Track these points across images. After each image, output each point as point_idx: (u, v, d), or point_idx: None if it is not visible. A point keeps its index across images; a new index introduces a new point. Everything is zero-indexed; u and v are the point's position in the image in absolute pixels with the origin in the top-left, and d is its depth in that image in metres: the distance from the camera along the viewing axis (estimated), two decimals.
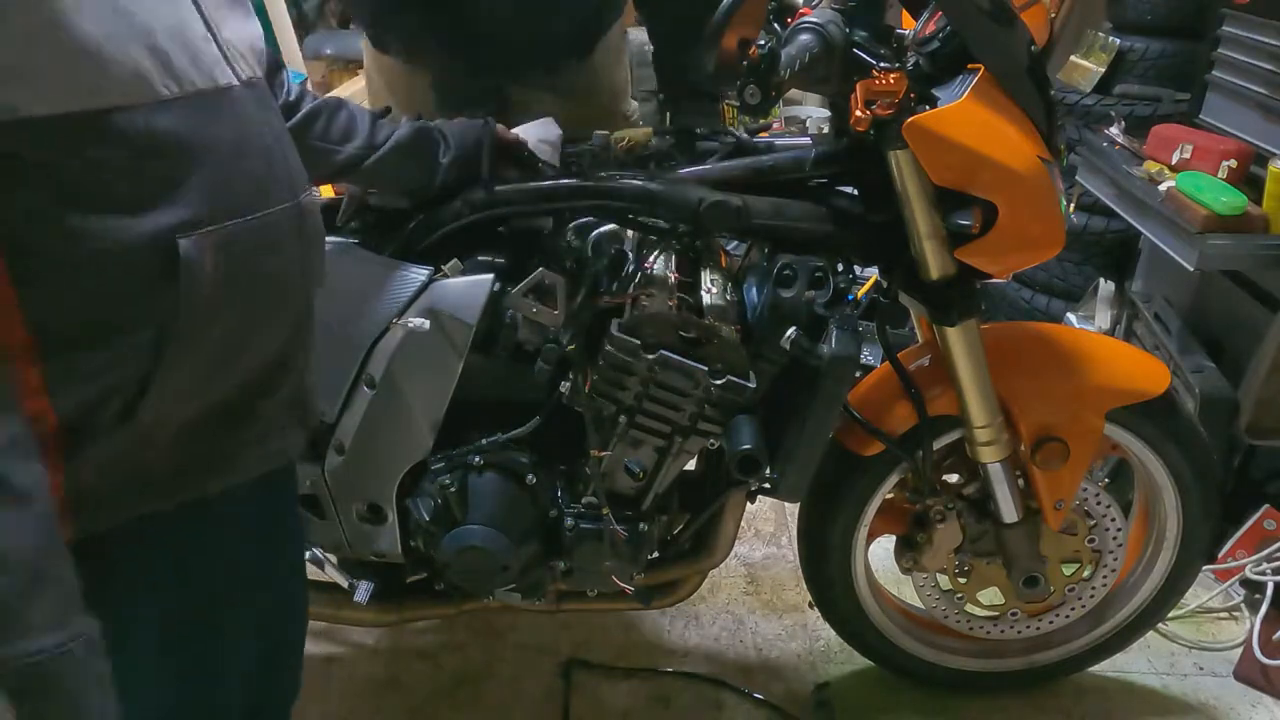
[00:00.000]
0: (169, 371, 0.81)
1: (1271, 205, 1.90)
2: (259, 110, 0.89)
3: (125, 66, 0.75)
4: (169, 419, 0.84)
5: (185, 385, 0.83)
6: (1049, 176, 1.25)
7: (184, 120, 0.79)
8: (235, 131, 0.85)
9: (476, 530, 1.39)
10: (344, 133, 1.26)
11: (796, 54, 1.19)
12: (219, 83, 0.84)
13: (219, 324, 0.83)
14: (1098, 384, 1.50)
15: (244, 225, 0.84)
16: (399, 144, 1.29)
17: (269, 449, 0.96)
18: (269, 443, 0.95)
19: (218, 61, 0.84)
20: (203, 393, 0.86)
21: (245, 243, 0.85)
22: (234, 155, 0.84)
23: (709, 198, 1.29)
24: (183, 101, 0.79)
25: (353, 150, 1.26)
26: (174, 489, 0.87)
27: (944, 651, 1.75)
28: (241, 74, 0.87)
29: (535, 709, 1.77)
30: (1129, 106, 2.42)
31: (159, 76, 0.77)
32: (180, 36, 0.80)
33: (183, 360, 0.82)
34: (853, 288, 1.38)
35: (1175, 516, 1.62)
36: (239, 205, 0.84)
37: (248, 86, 0.88)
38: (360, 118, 1.29)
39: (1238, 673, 1.84)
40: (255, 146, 0.87)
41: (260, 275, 0.87)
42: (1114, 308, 2.40)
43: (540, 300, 1.32)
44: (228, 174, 0.83)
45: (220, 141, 0.83)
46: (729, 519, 1.54)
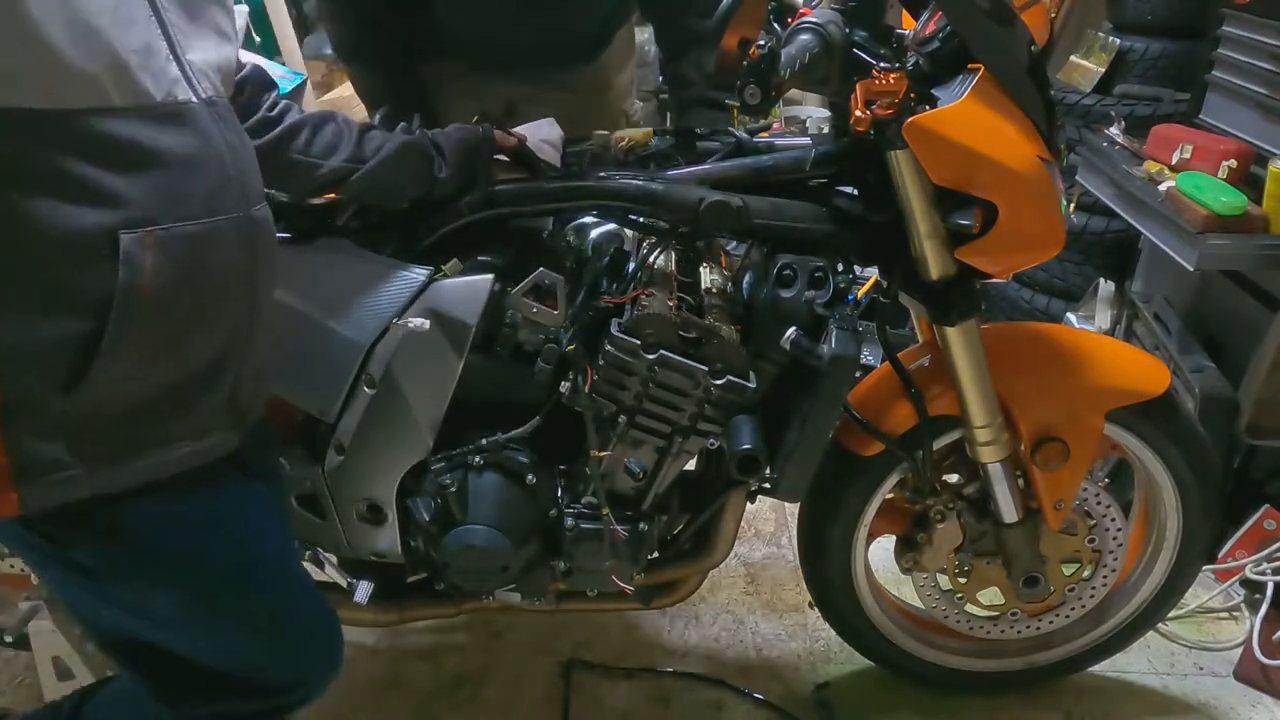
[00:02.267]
0: (107, 360, 0.88)
1: (1271, 205, 1.90)
2: (216, 126, 0.97)
3: (85, 75, 0.84)
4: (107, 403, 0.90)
5: (125, 372, 0.90)
6: (1049, 176, 1.25)
7: (137, 128, 0.88)
8: (189, 143, 0.93)
9: (476, 530, 1.39)
10: (327, 147, 1.26)
11: (796, 54, 1.19)
12: (177, 99, 0.92)
13: (158, 318, 0.91)
14: (1098, 384, 1.50)
15: (189, 228, 0.92)
16: (387, 158, 1.28)
17: (200, 445, 1.01)
18: (204, 437, 1.01)
19: (177, 80, 0.93)
20: (145, 380, 0.92)
21: (189, 244, 0.92)
22: (186, 165, 0.92)
23: (709, 198, 1.29)
24: (137, 111, 0.88)
25: (336, 164, 1.26)
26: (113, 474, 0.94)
27: (944, 651, 1.75)
28: (202, 93, 0.96)
29: (535, 709, 1.77)
30: (1129, 106, 2.42)
31: (115, 87, 0.86)
32: (143, 55, 0.89)
33: (125, 347, 0.89)
34: (853, 288, 1.38)
35: (1175, 516, 1.62)
36: (186, 210, 0.92)
37: (208, 105, 0.96)
38: (346, 131, 1.28)
39: (1238, 673, 1.84)
40: (209, 159, 0.95)
41: (203, 275, 0.94)
42: (1114, 308, 2.40)
43: (540, 300, 1.32)
44: (178, 181, 0.91)
45: (174, 152, 0.91)
46: (729, 519, 1.54)
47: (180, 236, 0.91)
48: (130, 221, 0.87)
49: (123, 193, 0.87)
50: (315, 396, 1.38)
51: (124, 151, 0.87)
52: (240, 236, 0.98)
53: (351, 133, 1.28)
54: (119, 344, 0.88)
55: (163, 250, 0.89)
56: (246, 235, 0.99)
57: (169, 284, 0.90)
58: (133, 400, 0.92)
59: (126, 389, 0.91)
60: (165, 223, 0.90)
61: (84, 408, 0.89)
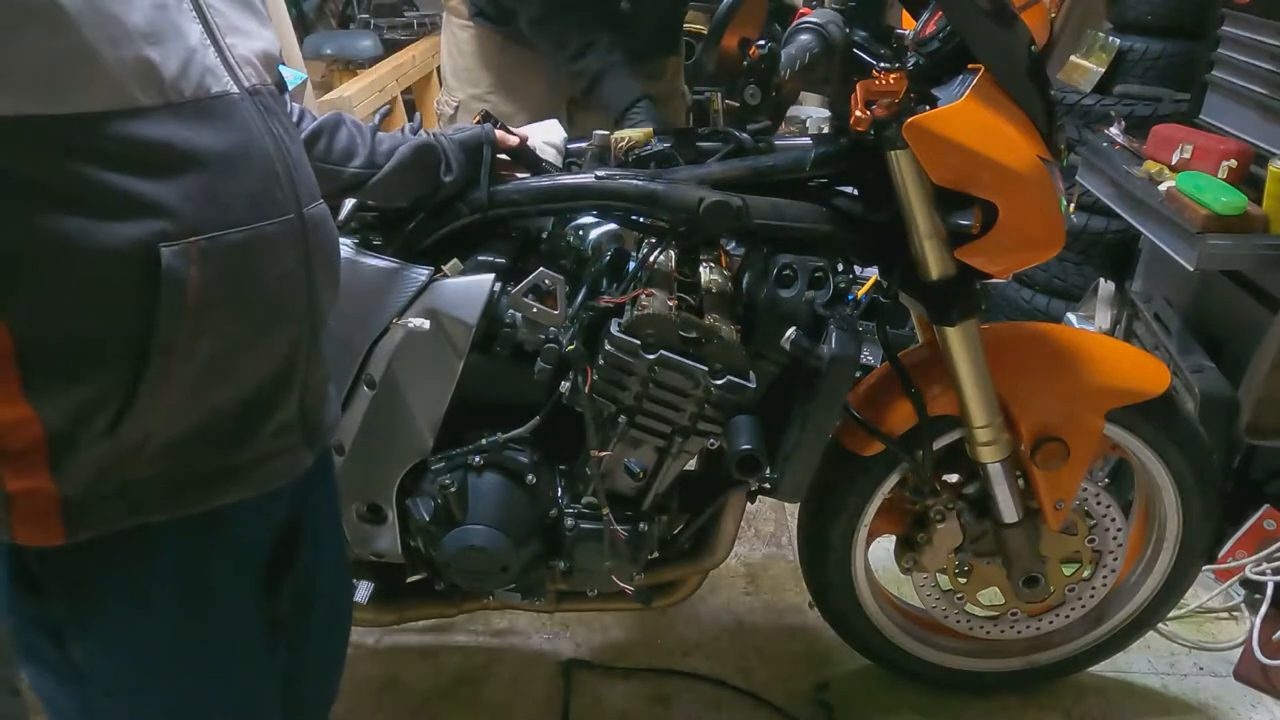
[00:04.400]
0: (155, 384, 0.80)
1: (1271, 205, 1.90)
2: (260, 118, 0.86)
3: (106, 74, 0.74)
4: (158, 432, 0.82)
5: (174, 399, 0.82)
6: (1049, 176, 1.25)
7: (170, 129, 0.78)
8: (229, 140, 0.83)
9: (476, 530, 1.39)
10: (345, 152, 1.25)
11: (796, 54, 1.19)
12: (211, 91, 0.82)
13: (209, 336, 0.82)
14: (1098, 384, 1.50)
15: (235, 236, 0.82)
16: (401, 162, 1.28)
17: (270, 468, 0.93)
18: (271, 461, 0.92)
19: (212, 69, 0.82)
20: (194, 407, 0.84)
21: (236, 254, 0.82)
22: (227, 165, 0.82)
23: (709, 198, 1.29)
24: (168, 110, 0.78)
25: (355, 169, 1.25)
26: (166, 504, 0.86)
27: (944, 651, 1.75)
28: (245, 81, 0.85)
29: (535, 709, 1.77)
30: (1129, 106, 2.42)
31: (140, 85, 0.76)
32: (169, 44, 0.79)
33: (169, 373, 0.80)
34: (853, 288, 1.38)
35: (1175, 516, 1.62)
36: (230, 216, 0.82)
37: (251, 94, 0.86)
38: (360, 136, 1.28)
39: (1238, 673, 1.84)
40: (253, 156, 0.85)
41: (254, 288, 0.85)
42: (1114, 308, 2.39)
43: (540, 300, 1.32)
44: (219, 184, 0.81)
45: (211, 151, 0.81)
46: (729, 519, 1.54)
47: (226, 246, 0.81)
48: (169, 233, 0.77)
49: (158, 200, 0.77)
50: None
51: (156, 155, 0.77)
52: (293, 241, 0.88)
53: (365, 136, 1.28)
54: (166, 370, 0.80)
55: (207, 262, 0.79)
56: (300, 239, 0.89)
57: (218, 300, 0.81)
58: (185, 428, 0.84)
59: (178, 417, 0.83)
60: (208, 231, 0.80)
61: (133, 438, 0.81)
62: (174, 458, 0.85)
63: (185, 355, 0.81)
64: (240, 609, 0.97)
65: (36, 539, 0.82)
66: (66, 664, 0.90)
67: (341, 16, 4.78)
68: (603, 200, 1.35)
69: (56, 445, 0.79)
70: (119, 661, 0.91)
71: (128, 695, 0.92)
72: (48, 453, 0.79)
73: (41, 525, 0.81)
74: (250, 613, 0.98)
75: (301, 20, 4.43)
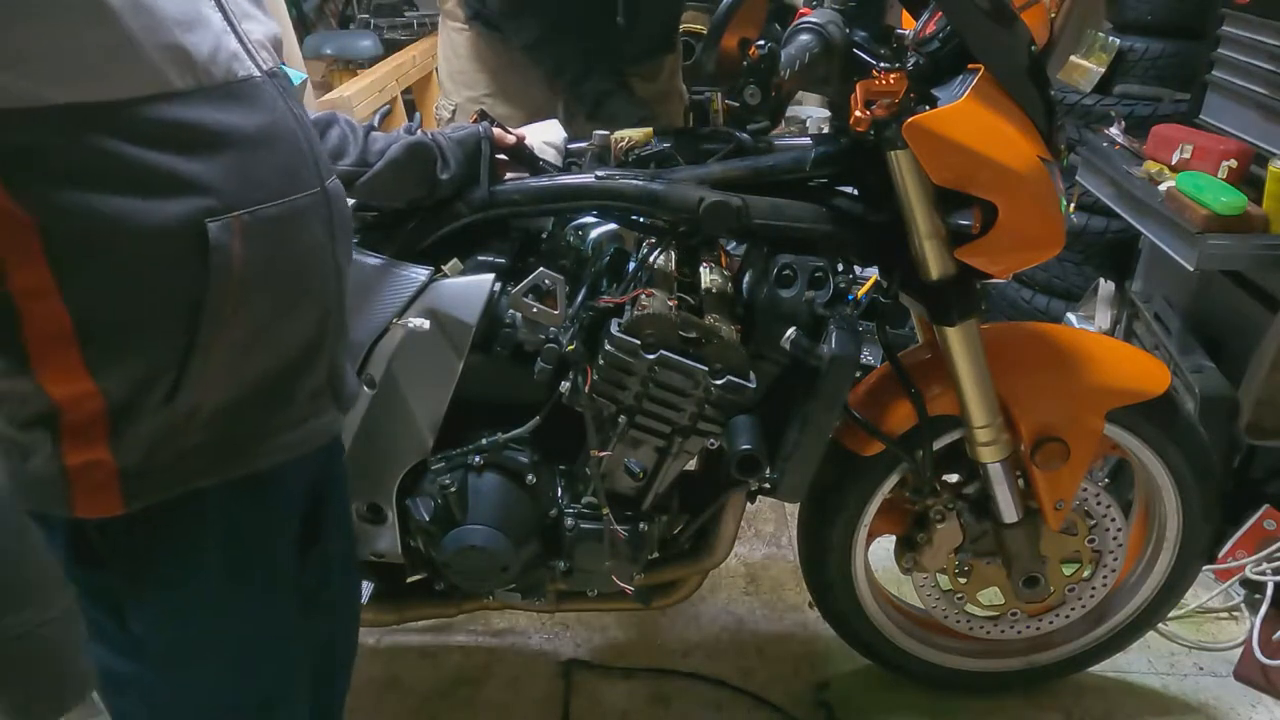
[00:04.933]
0: (204, 354, 0.84)
1: (1271, 205, 1.90)
2: (282, 99, 0.91)
3: (145, 60, 0.78)
4: (208, 399, 0.87)
5: (220, 367, 0.86)
6: (1049, 176, 1.25)
7: (204, 111, 0.83)
8: (259, 121, 0.87)
9: (476, 530, 1.39)
10: (335, 150, 1.26)
11: (796, 54, 1.19)
12: (238, 75, 0.86)
13: (251, 306, 0.86)
14: (1098, 384, 1.50)
15: (271, 210, 0.87)
16: (393, 161, 1.28)
17: (308, 428, 0.98)
18: (308, 422, 0.98)
19: (237, 54, 0.87)
20: (239, 373, 0.89)
21: (273, 227, 0.87)
22: (258, 143, 0.87)
23: (709, 198, 1.29)
24: (201, 94, 0.83)
25: (344, 168, 1.26)
26: (216, 469, 0.91)
27: (944, 651, 1.75)
28: (263, 65, 0.90)
29: (535, 709, 1.77)
30: (1129, 106, 2.42)
31: (176, 70, 0.80)
32: (199, 31, 0.83)
33: (218, 341, 0.85)
34: (853, 288, 1.38)
35: (1175, 516, 1.62)
36: (265, 191, 0.87)
37: (270, 77, 0.91)
38: (351, 134, 1.28)
39: (1238, 673, 1.84)
40: (280, 135, 0.90)
41: (289, 259, 0.90)
42: (1114, 308, 2.40)
43: (540, 300, 1.32)
44: (253, 161, 0.86)
45: (243, 130, 0.85)
46: (729, 519, 1.54)
47: (265, 220, 0.86)
48: (213, 209, 0.82)
49: (201, 178, 0.82)
50: None
51: (194, 136, 0.82)
52: (320, 212, 0.94)
53: (357, 135, 1.29)
54: (214, 339, 0.84)
55: (249, 236, 0.84)
56: (325, 211, 0.95)
57: (259, 271, 0.86)
58: (232, 395, 0.88)
59: (225, 384, 0.87)
60: (247, 206, 0.84)
61: (186, 407, 0.85)
62: (222, 423, 0.89)
63: (232, 324, 0.85)
64: (282, 575, 1.02)
65: (96, 510, 0.86)
66: (126, 636, 0.94)
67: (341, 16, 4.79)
68: (603, 200, 1.35)
69: (117, 417, 0.83)
70: (175, 630, 0.95)
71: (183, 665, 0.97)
72: (108, 425, 0.83)
73: (101, 497, 0.85)
74: (290, 580, 1.03)
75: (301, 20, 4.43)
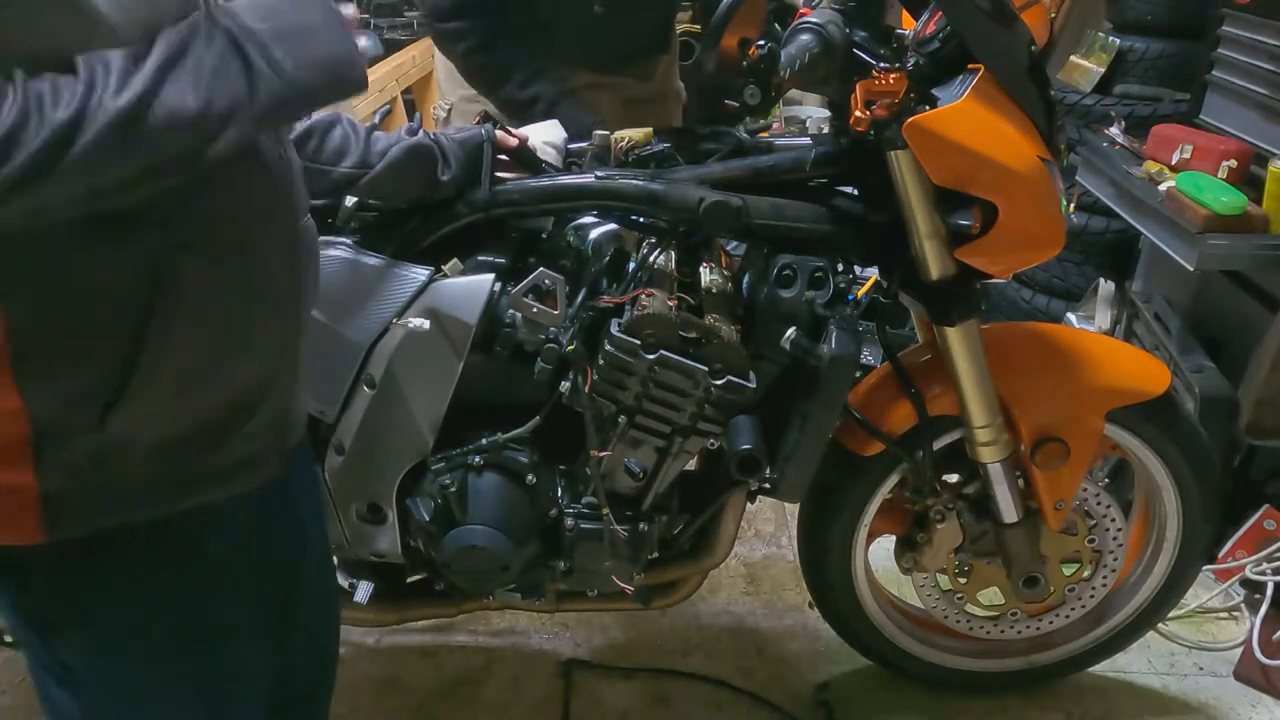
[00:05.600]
0: (143, 383, 0.80)
1: (1271, 205, 1.90)
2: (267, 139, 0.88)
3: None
4: (141, 433, 0.83)
5: (160, 399, 0.82)
6: (1049, 176, 1.25)
7: None
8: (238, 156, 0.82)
9: (476, 530, 1.39)
10: (336, 151, 1.26)
11: (796, 54, 1.19)
12: None
13: (197, 342, 0.83)
14: (1098, 384, 1.50)
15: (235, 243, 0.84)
16: (394, 162, 1.28)
17: (245, 470, 0.93)
18: (245, 465, 0.93)
19: None
20: (177, 409, 0.84)
21: (234, 266, 0.84)
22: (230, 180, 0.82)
23: (709, 198, 1.29)
24: None
25: (346, 170, 1.26)
26: (146, 504, 0.86)
27: (944, 651, 1.75)
28: None
29: (535, 709, 1.77)
30: (1129, 106, 2.42)
31: None
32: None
33: (158, 373, 0.81)
34: (853, 288, 1.38)
35: (1175, 516, 1.62)
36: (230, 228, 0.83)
37: None
38: (353, 135, 1.28)
39: (1238, 673, 1.84)
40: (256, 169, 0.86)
41: (248, 296, 0.86)
42: (1114, 308, 2.39)
43: (540, 300, 1.32)
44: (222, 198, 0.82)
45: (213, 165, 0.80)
46: (729, 519, 1.54)
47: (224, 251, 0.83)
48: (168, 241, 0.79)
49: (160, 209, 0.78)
50: (315, 397, 1.37)
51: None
52: (289, 252, 0.91)
53: (359, 136, 1.28)
54: (154, 370, 0.80)
55: (203, 271, 0.81)
56: (294, 250, 0.92)
57: (212, 303, 0.83)
58: (170, 429, 0.85)
59: (163, 417, 0.84)
60: (211, 238, 0.81)
61: (117, 437, 0.81)
62: (156, 457, 0.85)
63: (175, 357, 0.82)
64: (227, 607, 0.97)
65: (13, 537, 0.82)
66: (56, 662, 0.90)
67: None
68: (603, 200, 1.35)
69: (42, 438, 0.79)
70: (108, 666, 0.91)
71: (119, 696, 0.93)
72: (32, 446, 0.79)
73: (19, 523, 0.81)
74: (237, 610, 0.98)
75: None
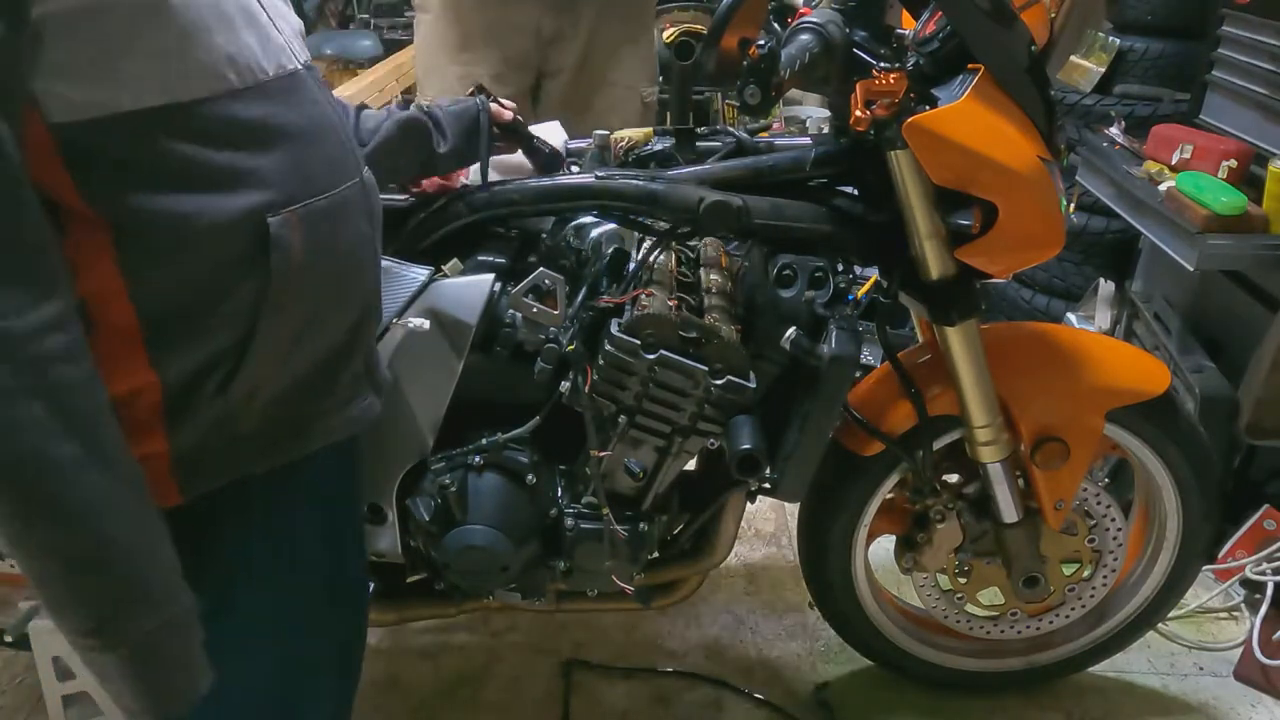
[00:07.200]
0: (262, 343, 0.86)
1: (1271, 205, 1.90)
2: (322, 92, 0.94)
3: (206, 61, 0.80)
4: (260, 390, 0.88)
5: (276, 356, 0.88)
6: (1049, 176, 1.25)
7: (261, 107, 0.84)
8: (307, 113, 0.89)
9: (476, 530, 1.39)
10: None
11: (796, 54, 1.19)
12: (286, 68, 0.88)
13: (304, 297, 0.88)
14: (1098, 384, 1.50)
15: (323, 202, 0.89)
16: (387, 139, 1.28)
17: (349, 414, 0.99)
18: (349, 408, 0.99)
19: (282, 49, 0.88)
20: (291, 361, 0.90)
21: (325, 219, 0.89)
22: (308, 136, 0.89)
23: (709, 198, 1.29)
24: (256, 90, 0.84)
25: None
26: (267, 454, 0.92)
27: (944, 651, 1.75)
28: (300, 58, 0.92)
29: (535, 709, 1.77)
30: (1129, 106, 2.42)
31: (234, 69, 0.82)
32: (251, 28, 0.84)
33: (274, 332, 0.87)
34: (853, 288, 1.38)
35: (1175, 516, 1.62)
36: (318, 183, 0.89)
37: (308, 69, 0.93)
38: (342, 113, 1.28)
39: (1238, 673, 1.84)
40: (325, 126, 0.92)
41: (339, 249, 0.92)
42: (1114, 308, 2.40)
43: (540, 300, 1.32)
44: (304, 154, 0.88)
45: (295, 124, 0.87)
46: (729, 519, 1.54)
47: (318, 212, 0.88)
48: (274, 203, 0.84)
49: (260, 174, 0.84)
50: None
51: (253, 132, 0.84)
52: (361, 202, 0.96)
53: (348, 114, 1.28)
54: (271, 329, 0.86)
55: (306, 228, 0.86)
56: (365, 200, 0.97)
57: (314, 262, 0.88)
58: (284, 383, 0.90)
59: (278, 372, 0.89)
60: (303, 199, 0.86)
61: (240, 397, 0.87)
62: (273, 410, 0.91)
63: (288, 314, 0.87)
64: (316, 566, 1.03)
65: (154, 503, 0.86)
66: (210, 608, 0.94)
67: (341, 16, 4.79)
68: (603, 200, 1.35)
69: (173, 407, 0.84)
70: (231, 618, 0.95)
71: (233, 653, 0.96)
72: (164, 415, 0.84)
73: (157, 488, 0.85)
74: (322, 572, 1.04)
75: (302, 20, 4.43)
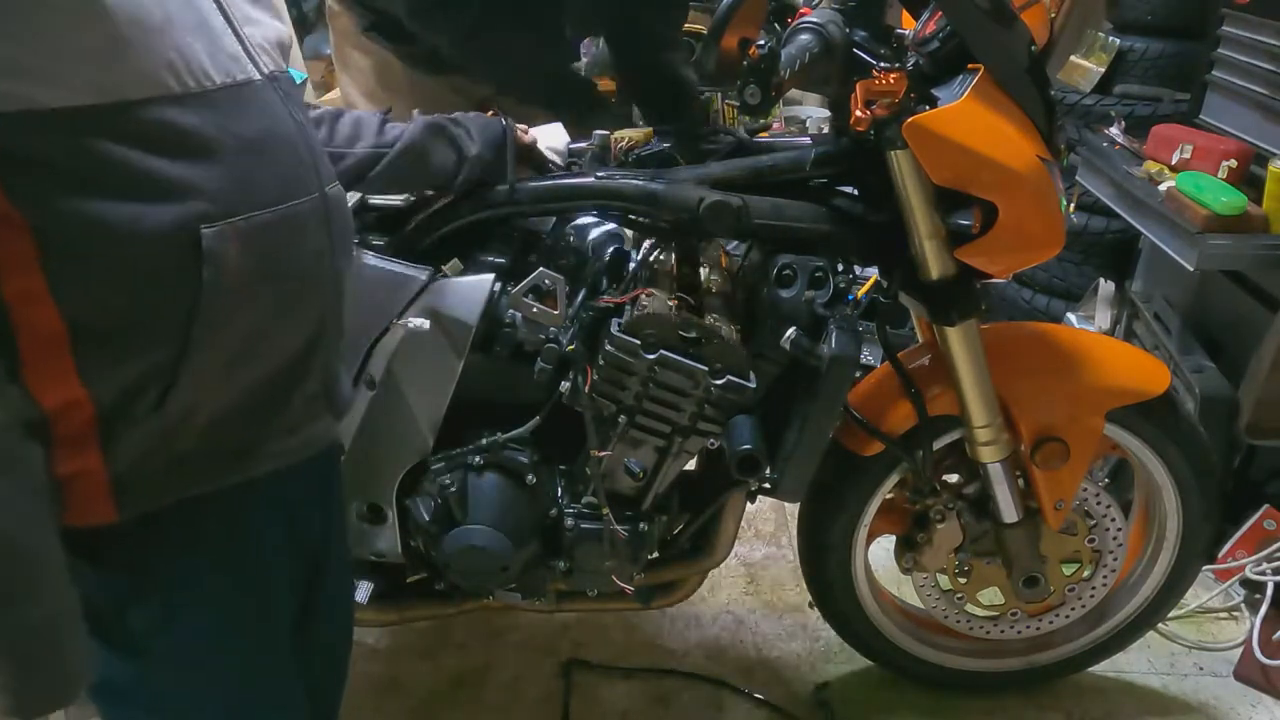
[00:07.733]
0: (197, 360, 0.83)
1: (1271, 205, 1.90)
2: (283, 104, 0.90)
3: (141, 63, 0.77)
4: (199, 408, 0.86)
5: (213, 374, 0.85)
6: (1049, 176, 1.25)
7: (201, 115, 0.81)
8: (257, 125, 0.86)
9: (476, 530, 1.39)
10: (349, 137, 1.25)
11: (796, 54, 1.19)
12: (237, 78, 0.85)
13: (244, 313, 0.85)
14: (1098, 384, 1.50)
15: (268, 216, 0.85)
16: (411, 143, 1.28)
17: (303, 435, 0.97)
18: (303, 429, 0.97)
19: (236, 57, 0.85)
20: (233, 380, 0.87)
21: (269, 233, 0.86)
22: (256, 148, 0.85)
23: (709, 198, 1.29)
24: (199, 97, 0.81)
25: (361, 152, 1.25)
26: (209, 475, 0.90)
27: (944, 651, 1.75)
28: (264, 68, 0.89)
29: (535, 709, 1.77)
30: (1129, 106, 2.42)
31: (172, 73, 0.79)
32: (197, 33, 0.82)
33: (210, 349, 0.84)
34: (853, 288, 1.38)
35: (1175, 516, 1.62)
36: (262, 197, 0.85)
37: (270, 80, 0.89)
38: (365, 121, 1.28)
39: (1238, 673, 1.84)
40: (280, 139, 0.88)
41: (286, 265, 0.88)
42: (1114, 308, 2.39)
43: (540, 300, 1.32)
44: (250, 166, 0.85)
45: (240, 136, 0.84)
46: (729, 519, 1.54)
47: (260, 226, 0.85)
48: (208, 214, 0.81)
49: (196, 184, 0.80)
50: None
51: (191, 140, 0.80)
52: (318, 219, 0.92)
53: (371, 121, 1.28)
54: (207, 345, 0.83)
55: (245, 242, 0.83)
56: (324, 216, 0.93)
57: (254, 278, 0.85)
58: (226, 402, 0.88)
59: (218, 391, 0.87)
60: (243, 213, 0.83)
61: (178, 415, 0.84)
62: (216, 431, 0.88)
63: (226, 330, 0.84)
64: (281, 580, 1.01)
65: (89, 519, 0.85)
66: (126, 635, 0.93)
67: None
68: (603, 200, 1.35)
69: (107, 424, 0.82)
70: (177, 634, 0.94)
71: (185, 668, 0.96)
72: (98, 432, 0.82)
73: (93, 506, 0.84)
74: (287, 586, 1.02)
75: (301, 20, 4.42)
